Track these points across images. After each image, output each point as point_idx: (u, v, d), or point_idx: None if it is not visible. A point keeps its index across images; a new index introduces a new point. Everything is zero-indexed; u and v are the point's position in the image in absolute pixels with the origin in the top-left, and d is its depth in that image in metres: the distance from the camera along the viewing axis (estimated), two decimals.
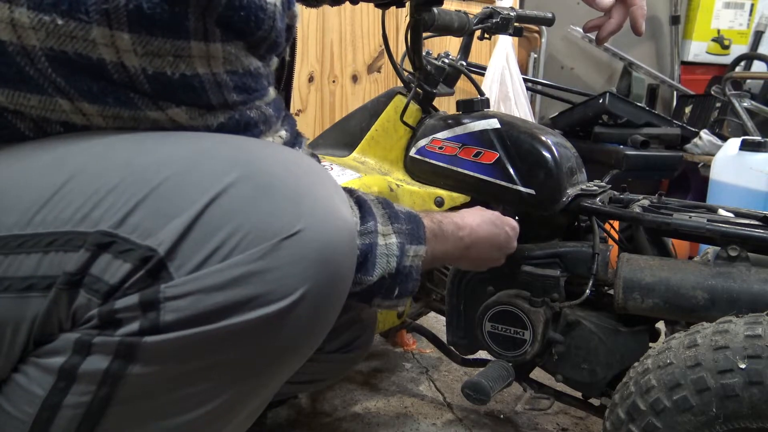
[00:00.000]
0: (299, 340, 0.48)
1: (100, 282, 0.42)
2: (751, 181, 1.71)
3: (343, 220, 0.49)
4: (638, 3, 0.84)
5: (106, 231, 0.42)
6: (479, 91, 1.14)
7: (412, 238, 0.70)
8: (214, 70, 0.48)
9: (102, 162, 0.45)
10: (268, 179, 0.46)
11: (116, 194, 0.43)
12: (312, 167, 0.51)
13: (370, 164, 1.10)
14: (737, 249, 0.79)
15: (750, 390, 0.62)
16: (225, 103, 0.50)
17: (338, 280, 0.49)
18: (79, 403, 0.42)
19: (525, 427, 1.12)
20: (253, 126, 0.53)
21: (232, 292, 0.43)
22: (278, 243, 0.44)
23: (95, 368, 0.42)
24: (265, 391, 0.52)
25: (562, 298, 0.90)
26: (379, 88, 2.14)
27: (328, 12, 2.02)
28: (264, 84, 0.54)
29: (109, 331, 0.42)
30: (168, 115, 0.48)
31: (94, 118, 0.47)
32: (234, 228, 0.43)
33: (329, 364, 0.90)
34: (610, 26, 0.87)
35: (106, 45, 0.44)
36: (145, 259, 0.42)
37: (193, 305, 0.42)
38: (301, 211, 0.46)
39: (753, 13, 2.81)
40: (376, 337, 1.32)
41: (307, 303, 0.46)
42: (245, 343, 0.45)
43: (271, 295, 0.44)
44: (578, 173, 0.99)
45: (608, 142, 2.11)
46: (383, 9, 0.97)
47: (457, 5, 1.52)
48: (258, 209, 0.44)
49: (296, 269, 0.45)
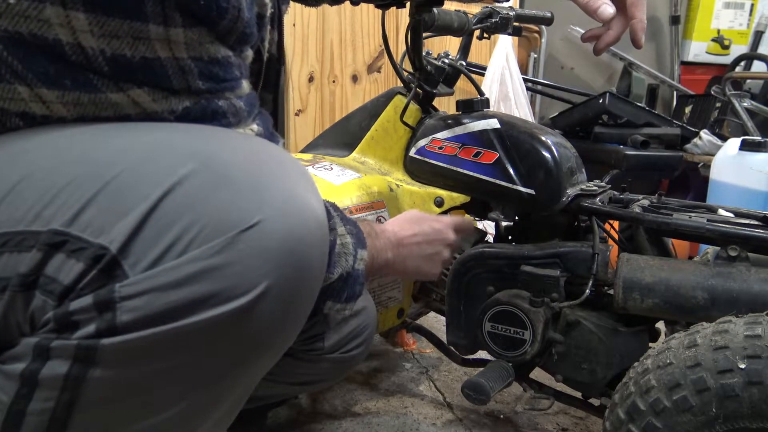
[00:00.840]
0: (267, 336, 0.46)
1: (55, 282, 0.41)
2: (751, 181, 1.71)
3: (310, 210, 0.47)
4: (638, 17, 0.83)
5: (57, 230, 0.41)
6: (479, 91, 1.14)
7: (358, 242, 0.70)
8: (176, 55, 0.47)
9: (56, 158, 0.44)
10: (225, 169, 0.44)
11: (69, 191, 0.42)
12: (276, 156, 0.49)
13: (370, 164, 1.10)
14: (737, 249, 0.79)
15: (750, 390, 0.62)
16: (189, 89, 0.48)
17: (305, 272, 0.46)
18: (43, 409, 0.41)
19: (525, 427, 1.12)
20: (221, 116, 0.51)
21: (190, 289, 0.41)
22: (236, 236, 0.42)
23: (55, 373, 0.40)
24: (238, 390, 0.50)
25: (562, 298, 0.90)
26: (379, 88, 2.14)
27: (328, 12, 2.02)
28: (235, 74, 0.52)
29: (66, 334, 0.40)
30: (130, 96, 0.46)
31: (54, 106, 0.45)
32: (190, 222, 0.41)
33: (330, 365, 0.90)
34: (609, 38, 0.86)
35: (61, 25, 0.42)
36: (98, 257, 0.40)
37: (149, 304, 0.40)
38: (260, 202, 0.44)
39: (753, 13, 2.82)
40: (376, 337, 1.32)
41: (272, 298, 0.44)
42: (209, 342, 0.43)
43: (232, 291, 0.42)
44: (578, 173, 0.99)
45: (608, 142, 2.11)
46: (383, 9, 0.97)
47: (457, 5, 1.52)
48: (215, 201, 0.42)
49: (257, 263, 0.43)
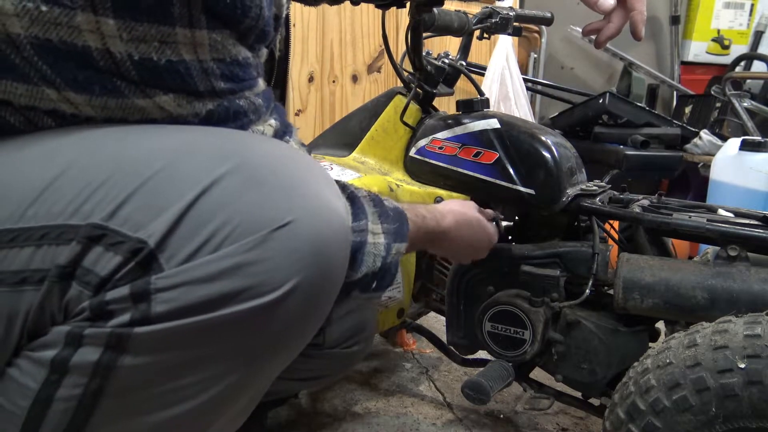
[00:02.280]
0: (290, 332, 0.48)
1: (92, 274, 0.42)
2: (751, 181, 1.72)
3: (336, 213, 0.49)
4: (638, 8, 0.83)
5: (97, 223, 0.42)
6: (479, 91, 1.14)
7: (396, 236, 0.71)
8: (200, 57, 0.48)
9: (92, 155, 0.45)
10: (258, 171, 0.46)
11: (107, 187, 0.43)
12: (303, 160, 0.51)
13: (370, 164, 1.10)
14: (737, 249, 0.79)
15: (749, 390, 0.62)
16: (213, 91, 0.50)
17: (330, 272, 0.48)
18: (71, 395, 0.42)
19: (525, 427, 1.12)
20: (243, 115, 0.53)
21: (223, 284, 0.43)
22: (268, 234, 0.44)
23: (86, 360, 0.42)
24: (257, 383, 0.52)
25: (562, 298, 0.90)
26: (379, 88, 2.14)
27: (328, 12, 2.02)
28: (253, 74, 0.53)
29: (100, 322, 0.42)
30: (156, 102, 0.48)
31: (83, 107, 0.47)
32: (224, 220, 0.43)
33: (330, 361, 0.90)
34: (609, 30, 0.87)
35: (91, 31, 0.43)
36: (136, 251, 0.42)
37: (183, 296, 0.42)
38: (291, 203, 0.45)
39: (753, 13, 2.82)
40: (376, 336, 1.32)
41: (299, 295, 0.45)
42: (236, 335, 0.45)
43: (262, 287, 0.44)
44: (578, 173, 0.99)
45: (608, 142, 2.11)
46: (383, 9, 0.97)
47: (457, 5, 1.52)
48: (248, 201, 0.44)
49: (287, 261, 0.44)
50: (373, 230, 0.67)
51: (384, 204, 0.71)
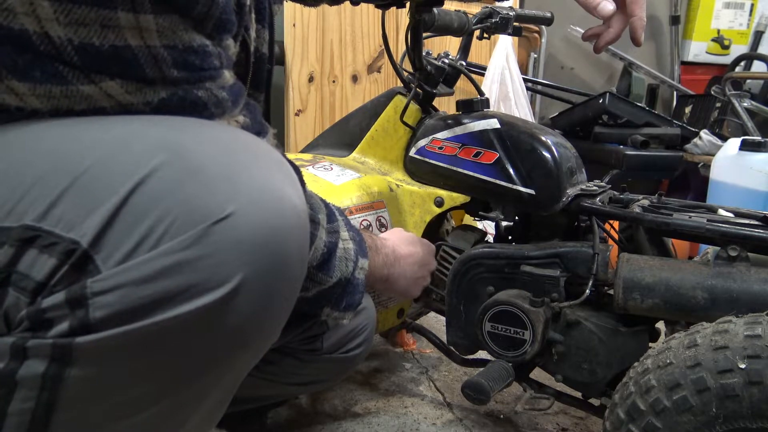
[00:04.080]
0: (247, 330, 0.45)
1: (28, 279, 0.40)
2: (751, 181, 1.71)
3: (287, 200, 0.46)
4: (638, 14, 0.83)
5: (29, 225, 0.40)
6: (479, 91, 1.14)
7: (360, 250, 0.70)
8: (148, 43, 0.45)
9: (27, 153, 0.43)
10: (197, 160, 0.43)
11: (40, 186, 0.41)
12: (252, 146, 0.48)
13: (370, 164, 1.10)
14: (737, 249, 0.79)
15: (750, 390, 0.62)
16: (164, 78, 0.47)
17: (284, 263, 0.45)
18: (23, 409, 0.40)
19: (525, 427, 1.12)
20: (202, 107, 0.50)
21: (163, 283, 0.40)
22: (208, 228, 0.41)
23: (33, 373, 0.40)
24: (221, 387, 0.49)
25: (562, 298, 0.90)
26: (379, 88, 2.14)
27: (328, 12, 2.02)
28: (214, 63, 0.51)
29: (41, 332, 0.40)
30: (102, 89, 0.45)
31: (27, 98, 0.45)
32: (161, 214, 0.41)
33: (329, 365, 0.90)
34: (609, 36, 0.86)
35: (26, 14, 0.41)
36: (69, 252, 0.40)
37: (122, 299, 0.40)
38: (233, 193, 0.43)
39: (753, 13, 2.82)
40: (376, 337, 1.32)
41: (249, 291, 0.43)
42: (186, 338, 0.42)
43: (205, 285, 0.41)
44: (578, 173, 0.99)
45: (608, 142, 2.11)
46: (383, 9, 0.97)
47: (457, 5, 1.52)
48: (186, 193, 0.41)
49: (230, 255, 0.42)
50: (343, 236, 0.66)
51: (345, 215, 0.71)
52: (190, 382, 0.45)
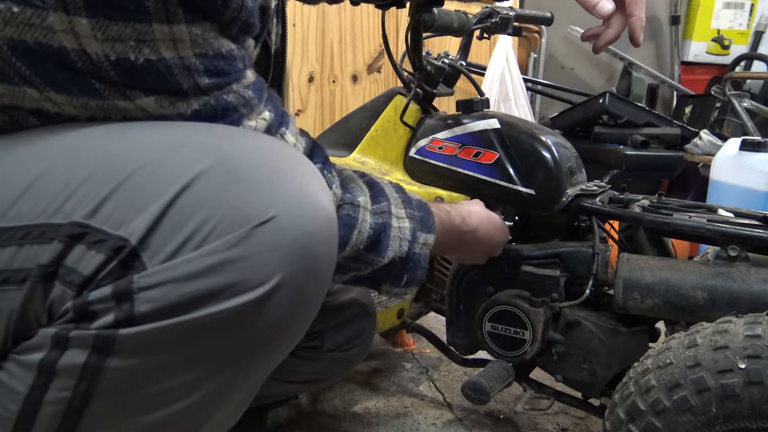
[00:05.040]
0: (279, 329, 0.48)
1: (74, 273, 0.41)
2: (751, 181, 1.71)
3: (320, 207, 0.48)
4: (637, 14, 0.82)
5: (78, 222, 0.42)
6: (479, 91, 1.14)
7: (423, 226, 0.70)
8: (181, 54, 0.46)
9: (74, 154, 0.45)
10: (240, 166, 0.45)
11: (89, 185, 0.43)
12: (287, 153, 0.50)
13: (370, 164, 1.10)
14: (737, 249, 0.79)
15: (750, 390, 0.62)
16: (197, 88, 0.48)
17: (316, 265, 0.48)
18: (60, 398, 0.42)
19: (525, 427, 1.12)
20: (232, 110, 0.52)
21: (207, 281, 0.42)
22: (251, 230, 0.43)
23: (73, 363, 0.41)
24: (248, 383, 0.51)
25: (562, 298, 0.90)
26: (379, 88, 2.14)
27: (328, 12, 2.02)
28: (238, 66, 0.52)
29: (84, 324, 0.41)
30: (137, 104, 0.47)
31: (65, 107, 0.46)
32: (206, 216, 0.42)
33: (329, 363, 0.90)
34: (608, 36, 0.86)
35: (65, 32, 0.43)
36: (118, 249, 0.41)
37: (166, 295, 0.41)
38: (274, 197, 0.45)
39: (753, 13, 2.81)
40: (376, 337, 1.32)
41: (285, 291, 0.45)
42: (224, 334, 0.44)
43: (247, 284, 0.43)
44: (578, 173, 0.99)
45: (608, 142, 2.11)
46: (383, 9, 0.97)
47: (457, 5, 1.52)
48: (230, 196, 0.43)
49: (271, 256, 0.44)
50: (396, 214, 0.67)
51: (406, 192, 0.71)
52: (223, 376, 0.47)
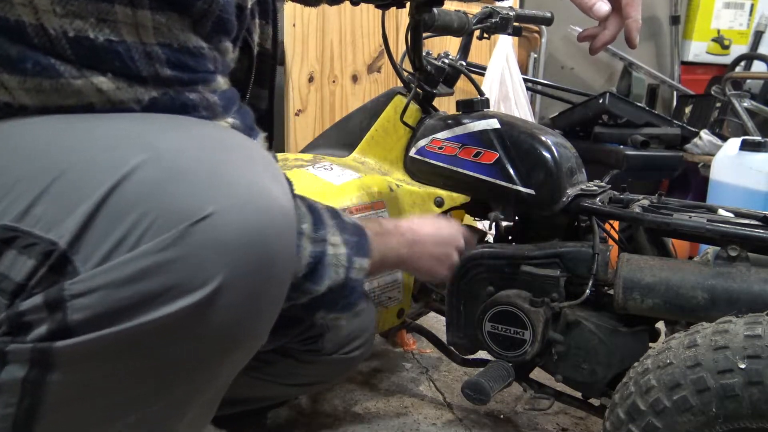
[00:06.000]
0: (232, 333, 0.44)
1: (7, 280, 0.39)
2: (751, 181, 1.72)
3: (273, 200, 0.45)
4: (633, 16, 0.82)
5: (8, 225, 0.39)
6: (479, 91, 1.14)
7: (358, 250, 0.68)
8: (144, 40, 0.45)
9: (12, 153, 0.43)
10: (179, 160, 0.42)
11: (22, 185, 0.40)
12: (240, 146, 0.47)
13: (370, 164, 1.10)
14: (737, 249, 0.79)
15: (750, 390, 0.62)
16: (157, 77, 0.46)
17: (269, 265, 0.44)
18: (4, 415, 0.39)
19: (525, 427, 1.12)
20: (192, 109, 0.49)
21: (142, 285, 0.39)
22: (187, 228, 0.40)
23: (13, 378, 0.39)
24: (211, 387, 0.48)
25: (562, 298, 0.90)
26: (379, 88, 2.14)
27: (328, 12, 2.02)
28: (207, 66, 0.50)
29: (21, 336, 0.39)
30: (93, 83, 0.44)
31: (16, 92, 0.44)
32: (140, 214, 0.39)
33: (330, 366, 0.90)
34: (604, 37, 0.86)
35: (23, 5, 0.41)
36: (48, 253, 0.39)
37: (101, 302, 0.39)
38: (214, 193, 0.41)
39: (753, 13, 2.81)
40: (376, 337, 1.32)
41: (232, 292, 0.42)
42: (168, 341, 0.41)
43: (185, 286, 0.40)
44: (578, 173, 0.99)
45: (608, 142, 2.11)
46: (383, 9, 0.97)
47: (457, 5, 1.52)
48: (166, 193, 0.40)
49: (210, 256, 0.41)
50: (332, 242, 0.65)
51: (341, 216, 0.69)
52: (178, 384, 0.44)
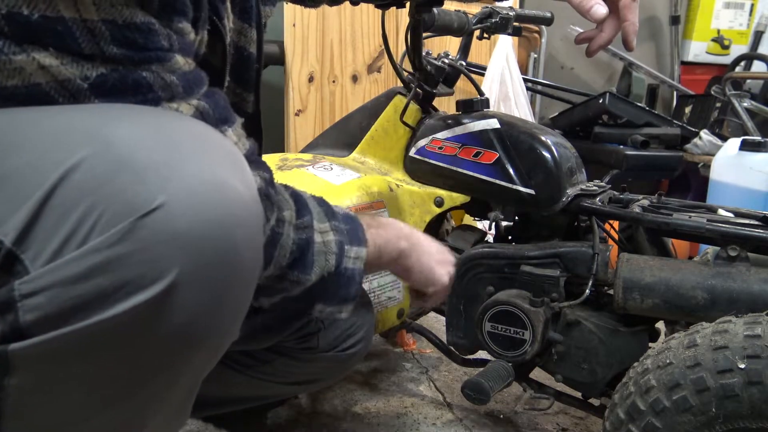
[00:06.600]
0: (195, 329, 0.42)
1: None
2: (751, 181, 1.72)
3: (229, 189, 0.42)
4: (630, 19, 0.82)
5: None
6: (479, 91, 1.14)
7: (351, 239, 0.66)
8: (84, 16, 0.42)
9: None
10: (127, 150, 0.40)
11: None
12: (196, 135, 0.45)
13: (370, 164, 1.10)
14: (737, 249, 0.79)
15: (749, 390, 0.62)
16: (103, 55, 0.44)
17: (229, 256, 0.42)
18: None
19: (525, 427, 1.12)
20: (147, 88, 0.46)
21: (93, 282, 0.38)
22: (136, 221, 0.38)
23: None
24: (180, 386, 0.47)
25: (562, 298, 0.90)
26: (379, 88, 2.14)
27: (328, 12, 2.02)
28: (161, 44, 0.47)
29: None
30: (35, 59, 0.42)
31: None
32: (87, 209, 0.38)
33: (326, 364, 0.89)
34: (601, 40, 0.85)
35: None
36: None
37: (52, 301, 0.37)
38: (164, 183, 0.40)
39: (753, 13, 2.81)
40: (376, 337, 1.32)
41: (189, 286, 0.40)
42: (126, 340, 0.40)
43: (138, 282, 0.38)
44: (578, 173, 0.99)
45: (608, 142, 2.11)
46: (383, 9, 0.97)
47: (457, 5, 1.52)
48: (113, 185, 0.39)
49: (162, 250, 0.39)
50: (319, 228, 0.64)
51: (330, 205, 0.68)
52: (143, 384, 0.43)
